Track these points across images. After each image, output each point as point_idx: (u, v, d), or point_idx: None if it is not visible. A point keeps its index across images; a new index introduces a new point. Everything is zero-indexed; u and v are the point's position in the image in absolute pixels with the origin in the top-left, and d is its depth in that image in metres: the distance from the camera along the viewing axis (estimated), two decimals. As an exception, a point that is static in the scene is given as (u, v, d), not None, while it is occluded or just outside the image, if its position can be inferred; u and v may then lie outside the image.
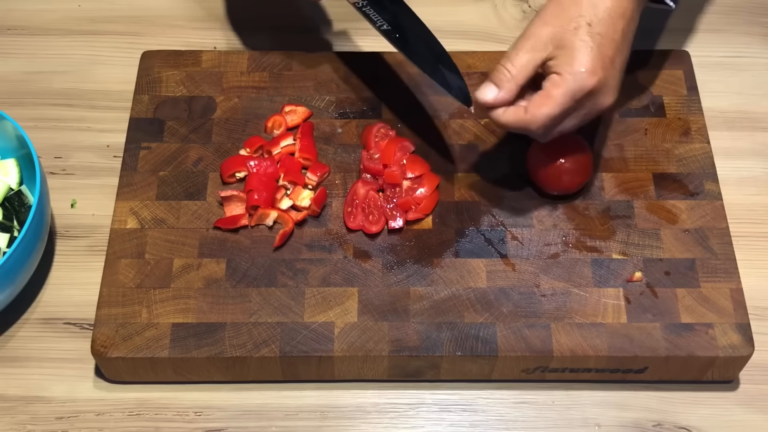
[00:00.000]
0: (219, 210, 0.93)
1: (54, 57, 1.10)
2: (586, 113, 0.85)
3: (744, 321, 0.86)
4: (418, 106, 1.00)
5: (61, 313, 0.92)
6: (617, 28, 0.83)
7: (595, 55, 0.82)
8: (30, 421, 0.86)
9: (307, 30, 1.12)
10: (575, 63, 0.81)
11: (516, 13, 1.15)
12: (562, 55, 0.82)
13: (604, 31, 0.82)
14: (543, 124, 0.83)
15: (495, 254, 0.90)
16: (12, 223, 0.92)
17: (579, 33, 0.82)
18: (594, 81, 0.82)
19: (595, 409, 0.87)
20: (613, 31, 0.83)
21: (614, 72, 0.84)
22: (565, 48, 0.82)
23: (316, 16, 1.13)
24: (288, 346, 0.85)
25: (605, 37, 0.82)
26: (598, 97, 0.83)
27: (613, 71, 0.83)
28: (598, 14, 0.83)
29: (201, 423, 0.86)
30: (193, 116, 0.99)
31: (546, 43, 0.83)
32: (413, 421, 0.86)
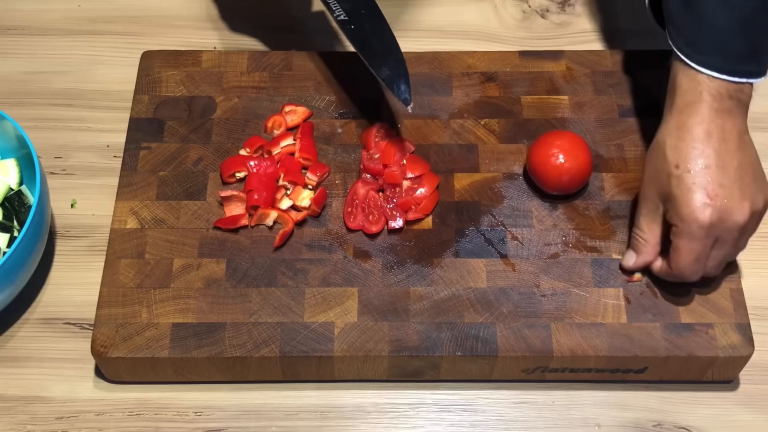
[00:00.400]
0: (219, 210, 0.93)
1: (54, 57, 1.10)
2: (730, 238, 0.82)
3: (744, 321, 0.86)
4: (418, 106, 1.00)
5: (61, 313, 0.92)
6: (707, 154, 0.82)
7: (695, 194, 0.81)
8: (30, 421, 0.86)
9: (307, 30, 1.12)
10: (682, 209, 0.82)
11: (516, 13, 1.15)
12: (671, 207, 0.83)
13: (694, 166, 0.82)
14: (691, 270, 0.83)
15: (495, 254, 0.90)
16: (12, 223, 0.92)
17: (672, 180, 0.82)
18: (708, 215, 0.81)
19: (595, 409, 0.87)
20: (705, 159, 0.82)
21: (727, 191, 0.81)
22: (670, 199, 0.83)
23: (316, 16, 1.13)
24: (288, 346, 0.85)
25: (698, 171, 0.82)
26: (727, 221, 0.81)
27: (726, 191, 0.81)
28: (681, 154, 0.82)
29: (201, 423, 0.86)
30: (193, 116, 0.99)
31: (656, 201, 0.85)
32: (413, 421, 0.86)
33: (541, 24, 1.14)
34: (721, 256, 0.84)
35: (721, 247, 0.83)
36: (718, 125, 0.82)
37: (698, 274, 0.84)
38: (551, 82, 1.01)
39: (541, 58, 1.03)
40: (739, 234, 0.83)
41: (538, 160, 0.92)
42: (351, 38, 0.93)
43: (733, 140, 0.82)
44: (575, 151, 0.91)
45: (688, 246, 0.82)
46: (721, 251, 0.83)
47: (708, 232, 0.81)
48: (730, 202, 0.81)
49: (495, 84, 1.01)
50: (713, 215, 0.80)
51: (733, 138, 0.83)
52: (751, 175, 0.83)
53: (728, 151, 0.82)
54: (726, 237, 0.82)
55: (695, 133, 0.82)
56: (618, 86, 1.01)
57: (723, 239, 0.82)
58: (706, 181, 0.81)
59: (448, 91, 1.01)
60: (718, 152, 0.82)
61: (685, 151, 0.82)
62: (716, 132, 0.82)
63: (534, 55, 1.04)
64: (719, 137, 0.82)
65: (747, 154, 0.83)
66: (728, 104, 0.83)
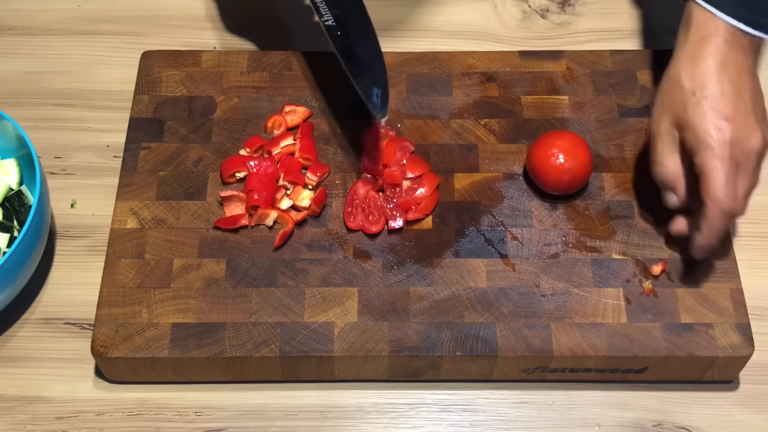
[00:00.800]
0: (219, 210, 0.93)
1: (54, 57, 1.10)
2: (749, 163, 0.83)
3: (744, 321, 0.86)
4: (418, 106, 1.00)
5: (61, 313, 0.92)
6: (723, 82, 0.84)
7: (710, 117, 0.83)
8: (30, 421, 0.86)
9: (307, 30, 1.12)
10: (701, 133, 0.83)
11: (516, 13, 1.15)
12: (688, 134, 0.84)
13: (711, 91, 0.84)
14: (725, 193, 0.82)
15: (495, 254, 0.90)
16: (12, 223, 0.92)
17: (689, 107, 0.84)
18: (728, 134, 0.82)
19: (595, 409, 0.87)
20: (720, 86, 0.84)
21: (743, 117, 0.83)
22: (687, 127, 0.84)
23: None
24: (288, 346, 0.85)
25: (713, 96, 0.83)
26: (744, 144, 0.82)
27: (741, 116, 0.83)
28: (698, 80, 0.84)
29: (201, 423, 0.86)
30: (193, 116, 0.99)
31: (670, 130, 0.86)
32: (413, 421, 0.86)
33: (541, 24, 1.14)
34: (745, 184, 0.83)
35: (743, 173, 0.83)
36: (732, 58, 0.84)
37: (735, 200, 0.82)
38: (551, 82, 1.01)
39: (541, 58, 1.03)
40: (756, 160, 0.83)
41: (538, 160, 0.92)
42: (335, 44, 0.92)
43: (746, 72, 0.85)
44: (575, 151, 0.91)
45: (714, 166, 0.82)
46: (744, 178, 0.83)
47: (730, 151, 0.82)
48: (745, 125, 0.83)
49: (495, 84, 1.01)
50: (733, 134, 0.82)
51: (747, 71, 0.85)
52: (761, 107, 0.85)
53: (742, 81, 0.84)
54: (745, 163, 0.83)
55: (710, 62, 0.84)
56: (618, 86, 1.01)
57: (743, 165, 0.83)
58: (723, 106, 0.83)
59: (448, 91, 1.01)
60: (733, 81, 0.84)
61: (701, 79, 0.84)
62: (731, 63, 0.84)
63: (534, 55, 1.04)
64: (734, 68, 0.84)
65: (758, 88, 0.86)
66: (742, 42, 0.85)
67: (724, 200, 0.82)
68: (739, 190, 0.83)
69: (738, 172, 0.83)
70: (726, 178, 0.82)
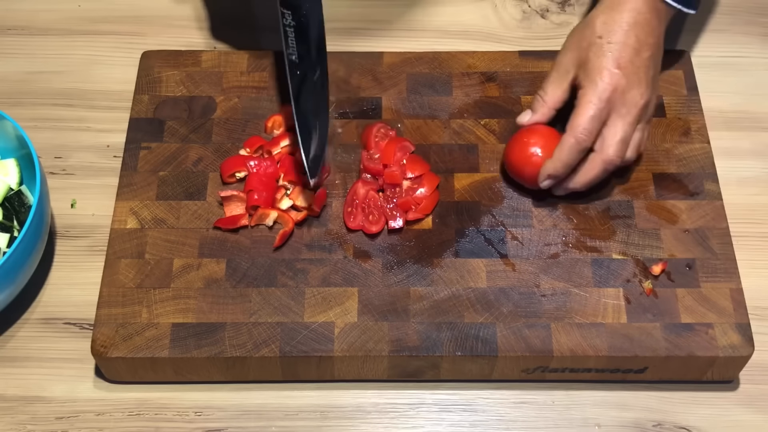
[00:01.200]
0: (219, 210, 0.93)
1: (54, 57, 1.10)
2: (627, 113, 0.88)
3: (744, 321, 0.86)
4: (418, 106, 1.00)
5: (61, 313, 0.92)
6: (629, 35, 0.89)
7: (609, 60, 0.89)
8: (30, 421, 0.86)
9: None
10: (593, 71, 0.89)
11: (516, 13, 1.15)
12: (582, 72, 0.90)
13: (616, 39, 0.89)
14: (585, 127, 0.87)
15: (495, 254, 0.90)
16: (12, 223, 0.92)
17: (593, 48, 0.90)
18: (613, 79, 0.88)
19: (595, 409, 0.87)
20: (626, 38, 0.89)
21: (635, 70, 0.89)
22: (584, 65, 0.90)
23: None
24: (288, 346, 0.85)
25: (618, 44, 0.89)
26: (627, 94, 0.88)
27: (634, 69, 0.89)
28: (608, 28, 0.90)
29: (201, 423, 0.86)
30: (193, 116, 0.99)
31: (569, 66, 0.92)
32: (413, 421, 0.86)
33: (541, 24, 1.14)
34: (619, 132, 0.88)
35: (618, 120, 0.88)
36: (646, 18, 0.90)
37: (591, 135, 0.87)
38: (551, 82, 1.01)
39: (541, 58, 1.03)
40: (637, 114, 0.88)
41: (515, 156, 0.92)
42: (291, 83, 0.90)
43: (653, 35, 0.91)
44: (551, 144, 0.91)
45: (588, 100, 0.88)
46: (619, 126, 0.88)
47: (609, 95, 0.87)
48: (635, 78, 0.88)
49: (495, 84, 1.01)
50: (619, 82, 0.88)
51: (654, 34, 0.91)
52: (656, 71, 0.91)
53: (647, 42, 0.90)
54: (623, 112, 0.88)
55: (625, 16, 0.90)
56: (618, 86, 1.01)
57: (620, 114, 0.88)
58: (621, 55, 0.89)
59: (448, 91, 1.01)
60: (639, 38, 0.89)
61: (612, 27, 0.90)
62: (643, 22, 0.90)
63: (534, 55, 1.04)
64: (644, 27, 0.90)
65: (659, 54, 0.92)
66: (659, 7, 0.91)
67: (581, 132, 0.87)
68: (608, 134, 0.88)
69: (612, 117, 0.88)
70: (593, 116, 0.87)
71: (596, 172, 0.89)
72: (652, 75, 0.90)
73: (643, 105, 0.89)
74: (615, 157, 0.88)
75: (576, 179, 0.90)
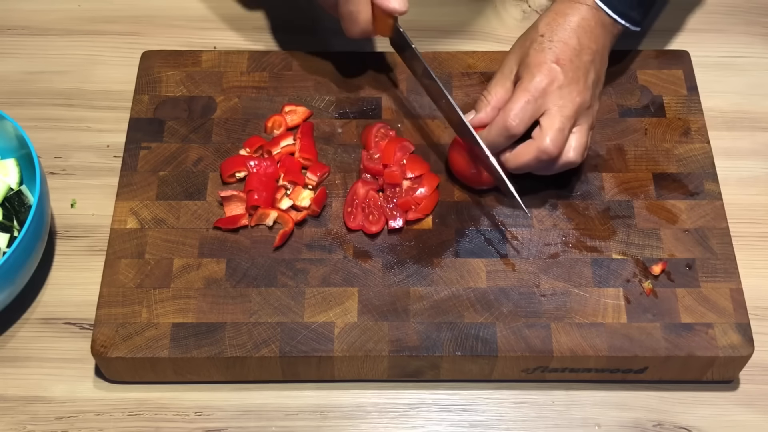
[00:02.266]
0: (219, 210, 0.93)
1: (54, 57, 1.10)
2: (564, 107, 0.87)
3: (744, 321, 0.86)
4: (418, 106, 1.00)
5: (61, 313, 0.92)
6: (572, 36, 0.89)
7: (547, 55, 0.89)
8: (30, 421, 0.86)
9: (307, 30, 1.12)
10: (531, 65, 0.89)
11: (516, 13, 1.15)
12: (522, 66, 0.90)
13: (558, 38, 0.89)
14: (516, 114, 0.87)
15: (495, 254, 0.90)
16: (12, 223, 0.92)
17: (534, 45, 0.90)
18: (551, 73, 0.88)
19: (595, 409, 0.87)
20: (568, 38, 0.89)
21: (573, 69, 0.88)
22: (525, 61, 0.90)
23: (317, 16, 1.13)
24: (288, 346, 0.85)
25: (559, 42, 0.89)
26: (564, 89, 0.88)
27: (572, 68, 0.88)
28: (551, 28, 0.90)
29: (201, 423, 0.86)
30: (193, 116, 0.99)
31: (512, 65, 0.92)
32: (413, 421, 0.86)
33: (541, 24, 1.14)
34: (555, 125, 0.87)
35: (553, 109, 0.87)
36: (591, 25, 0.90)
37: (522, 122, 0.87)
38: (551, 82, 1.01)
39: (541, 58, 1.03)
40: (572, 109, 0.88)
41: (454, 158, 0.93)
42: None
43: (597, 43, 0.91)
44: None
45: (524, 91, 0.88)
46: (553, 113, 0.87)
47: (545, 87, 0.87)
48: (574, 77, 0.88)
49: (495, 84, 1.01)
50: (556, 75, 0.87)
51: (598, 43, 0.91)
52: (595, 76, 0.91)
53: (589, 47, 0.90)
54: (558, 102, 0.87)
55: (569, 20, 0.90)
56: (618, 86, 1.01)
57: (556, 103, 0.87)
58: (562, 53, 0.89)
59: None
60: (581, 41, 0.90)
61: (554, 27, 0.90)
62: (587, 28, 0.90)
63: (534, 55, 1.04)
64: (588, 34, 0.90)
65: (601, 64, 0.92)
66: (605, 20, 0.91)
67: (511, 117, 0.87)
68: (545, 123, 0.87)
69: (550, 109, 0.87)
70: (526, 101, 0.87)
71: (529, 157, 0.88)
72: (592, 80, 0.90)
73: (580, 102, 0.88)
74: (551, 147, 0.86)
75: (507, 156, 0.89)
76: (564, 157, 0.88)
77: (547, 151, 0.87)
